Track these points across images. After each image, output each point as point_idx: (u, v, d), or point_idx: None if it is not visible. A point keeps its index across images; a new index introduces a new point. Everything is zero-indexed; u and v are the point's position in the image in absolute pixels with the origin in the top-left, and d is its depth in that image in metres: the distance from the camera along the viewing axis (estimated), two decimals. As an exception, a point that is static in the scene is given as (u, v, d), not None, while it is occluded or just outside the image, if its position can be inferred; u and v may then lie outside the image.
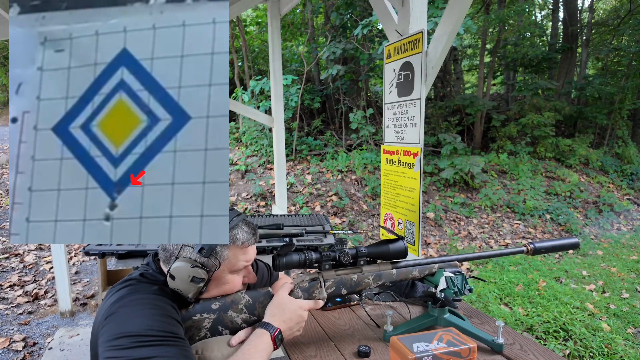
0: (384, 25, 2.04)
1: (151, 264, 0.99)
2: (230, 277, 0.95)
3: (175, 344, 0.77)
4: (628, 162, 8.33)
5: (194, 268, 0.87)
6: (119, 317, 0.78)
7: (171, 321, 0.81)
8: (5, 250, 4.19)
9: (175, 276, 0.88)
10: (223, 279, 0.94)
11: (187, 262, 0.88)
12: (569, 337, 2.81)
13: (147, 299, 0.83)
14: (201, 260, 0.89)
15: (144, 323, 0.76)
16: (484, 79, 8.77)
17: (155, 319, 0.78)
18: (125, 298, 0.82)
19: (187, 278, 0.88)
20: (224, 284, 0.94)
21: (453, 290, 1.08)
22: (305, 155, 6.98)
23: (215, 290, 0.95)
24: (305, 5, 7.90)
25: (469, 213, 5.90)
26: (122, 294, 0.84)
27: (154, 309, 0.81)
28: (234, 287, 0.96)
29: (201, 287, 0.89)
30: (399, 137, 1.94)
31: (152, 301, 0.83)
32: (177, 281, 0.88)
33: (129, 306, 0.80)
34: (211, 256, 0.89)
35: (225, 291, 0.95)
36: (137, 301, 0.81)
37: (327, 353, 1.06)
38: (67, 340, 2.66)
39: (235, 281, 0.96)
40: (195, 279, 0.88)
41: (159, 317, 0.79)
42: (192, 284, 0.88)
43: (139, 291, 0.84)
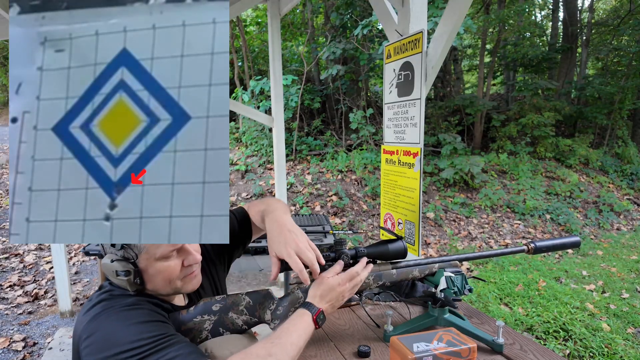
0: (384, 25, 2.04)
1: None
2: (161, 264, 0.90)
3: (171, 343, 0.76)
4: (628, 162, 8.33)
5: (114, 262, 0.87)
6: (99, 336, 0.76)
7: (155, 324, 0.80)
8: (5, 250, 4.19)
9: (106, 274, 0.89)
10: (153, 268, 0.90)
11: (108, 258, 0.88)
12: (569, 337, 2.81)
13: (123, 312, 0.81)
14: (119, 253, 0.87)
15: (129, 336, 0.75)
16: (484, 79, 8.77)
17: (139, 328, 0.77)
18: (100, 315, 0.81)
19: (113, 273, 0.87)
20: (158, 272, 0.90)
21: (453, 290, 1.08)
22: (305, 155, 6.98)
23: (155, 279, 0.91)
24: (305, 5, 7.90)
25: (469, 213, 5.90)
26: (97, 310, 0.82)
27: (133, 319, 0.79)
28: (171, 273, 0.91)
29: (132, 280, 0.87)
30: (399, 137, 1.94)
31: (129, 312, 0.81)
32: (111, 278, 0.89)
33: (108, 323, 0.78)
34: (124, 249, 0.87)
35: (166, 278, 0.91)
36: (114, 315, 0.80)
37: (327, 353, 1.06)
38: (67, 340, 2.66)
39: (170, 268, 0.91)
40: (119, 272, 0.86)
41: (142, 325, 0.78)
42: (121, 278, 0.87)
43: (113, 307, 0.83)
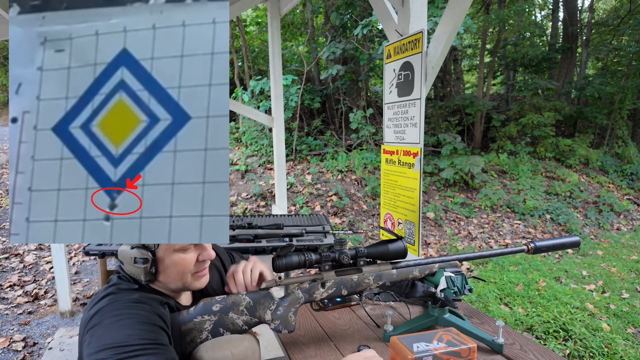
0: (384, 25, 2.04)
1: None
2: (178, 256, 0.92)
3: (158, 352, 0.76)
4: (628, 162, 8.33)
5: (134, 249, 0.87)
6: (100, 329, 0.77)
7: (153, 328, 0.81)
8: (5, 250, 4.19)
9: (122, 260, 0.89)
10: (169, 259, 0.91)
11: (127, 244, 0.89)
12: (569, 337, 2.81)
13: (126, 308, 0.82)
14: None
15: (125, 333, 0.76)
16: (484, 79, 8.77)
17: (135, 328, 0.78)
18: (105, 309, 0.81)
19: (130, 260, 0.88)
20: (173, 264, 0.92)
21: (453, 290, 1.08)
22: (305, 155, 6.97)
23: (169, 271, 0.92)
24: (305, 5, 7.90)
25: (469, 213, 5.90)
26: (103, 304, 0.83)
27: (134, 318, 0.80)
28: (186, 266, 0.93)
29: (148, 268, 0.88)
30: (399, 137, 1.94)
31: (133, 310, 0.82)
32: (125, 265, 0.89)
33: (110, 317, 0.79)
34: None
35: (180, 272, 0.93)
36: (118, 311, 0.81)
37: (327, 353, 1.06)
38: (67, 340, 2.66)
39: (185, 261, 0.93)
40: (138, 259, 0.87)
41: (139, 326, 0.79)
42: (137, 266, 0.87)
43: (119, 300, 0.84)
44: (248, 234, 1.97)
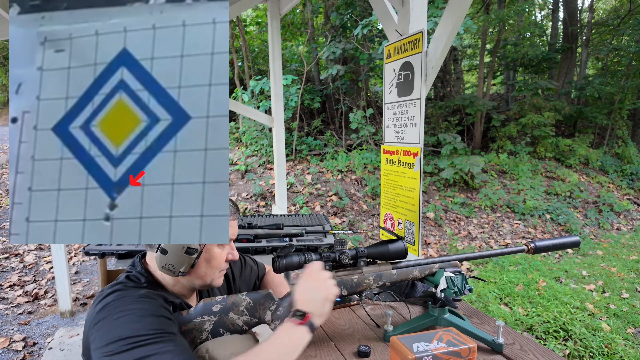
0: (384, 25, 2.04)
1: (137, 265, 0.98)
2: (217, 251, 0.96)
3: (170, 339, 0.77)
4: (628, 162, 8.33)
5: None
6: (108, 323, 0.77)
7: (162, 319, 0.81)
8: (5, 250, 4.19)
9: (168, 250, 0.89)
10: (211, 252, 0.95)
11: None
12: (569, 337, 2.81)
13: (134, 302, 0.82)
14: None
15: (134, 325, 0.76)
16: (484, 79, 8.77)
17: (145, 320, 0.78)
18: (112, 304, 0.82)
19: (182, 249, 0.88)
20: (211, 258, 0.95)
21: (453, 290, 1.08)
22: (305, 155, 6.98)
23: (203, 266, 0.95)
24: (305, 5, 7.90)
25: (469, 213, 5.90)
26: (110, 300, 0.83)
27: (143, 311, 0.80)
28: (219, 262, 0.97)
29: (194, 259, 0.90)
30: (399, 137, 1.94)
31: (140, 304, 0.82)
32: (169, 255, 0.89)
33: (118, 311, 0.79)
34: None
35: (212, 266, 0.96)
36: (125, 306, 0.81)
37: (327, 353, 1.06)
38: (67, 340, 2.66)
39: (221, 256, 0.97)
40: (190, 249, 0.89)
41: (148, 317, 0.79)
42: (186, 256, 0.89)
43: (126, 296, 0.84)
44: (248, 234, 1.97)
